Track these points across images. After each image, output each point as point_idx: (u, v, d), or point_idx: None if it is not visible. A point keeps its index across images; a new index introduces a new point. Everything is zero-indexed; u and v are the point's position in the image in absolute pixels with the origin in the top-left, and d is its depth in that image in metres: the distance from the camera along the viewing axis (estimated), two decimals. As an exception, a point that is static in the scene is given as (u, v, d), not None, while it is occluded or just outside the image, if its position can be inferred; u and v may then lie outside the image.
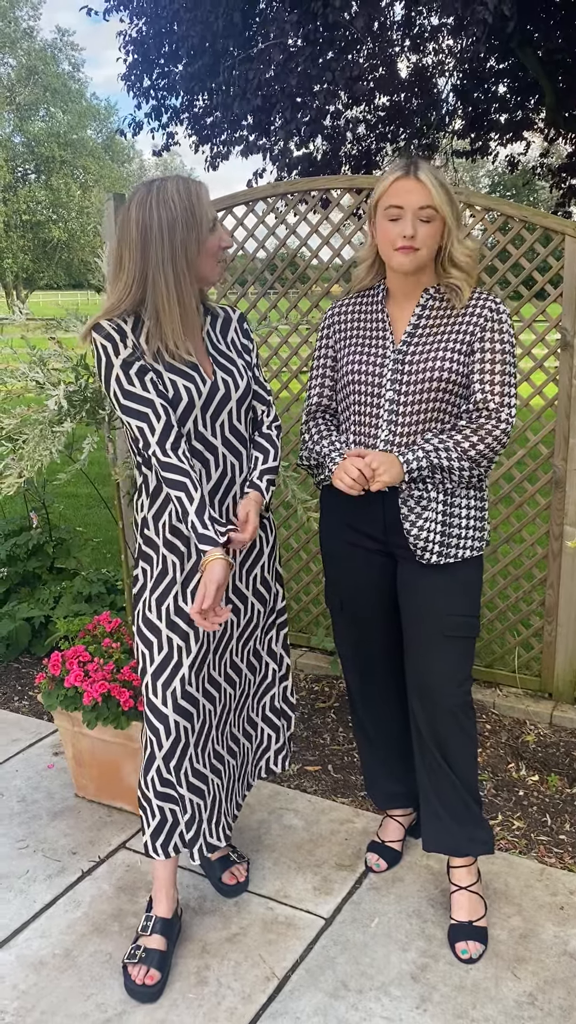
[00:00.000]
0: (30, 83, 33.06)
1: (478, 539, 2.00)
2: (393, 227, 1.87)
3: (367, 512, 2.02)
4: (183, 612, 1.89)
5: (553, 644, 3.09)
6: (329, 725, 3.09)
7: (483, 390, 1.89)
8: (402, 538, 1.98)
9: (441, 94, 10.51)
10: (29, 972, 2.00)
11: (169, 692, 1.90)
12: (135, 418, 1.75)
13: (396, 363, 1.94)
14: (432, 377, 1.90)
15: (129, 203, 1.76)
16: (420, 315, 1.96)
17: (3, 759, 2.90)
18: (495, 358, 1.89)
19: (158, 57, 9.27)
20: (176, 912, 2.07)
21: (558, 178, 11.68)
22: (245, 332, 1.99)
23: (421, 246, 1.86)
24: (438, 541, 1.93)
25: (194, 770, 1.98)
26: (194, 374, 1.81)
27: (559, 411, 2.91)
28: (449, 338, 1.92)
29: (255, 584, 2.04)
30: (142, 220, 1.72)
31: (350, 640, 2.20)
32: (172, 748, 1.92)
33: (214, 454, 1.87)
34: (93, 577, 3.63)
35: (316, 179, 3.20)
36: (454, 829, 2.09)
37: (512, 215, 2.86)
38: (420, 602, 2.01)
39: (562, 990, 1.93)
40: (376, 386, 1.96)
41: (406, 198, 1.84)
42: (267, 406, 2.01)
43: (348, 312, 2.09)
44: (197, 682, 1.94)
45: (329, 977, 1.97)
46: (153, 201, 1.72)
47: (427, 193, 1.83)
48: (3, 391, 2.70)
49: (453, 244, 1.90)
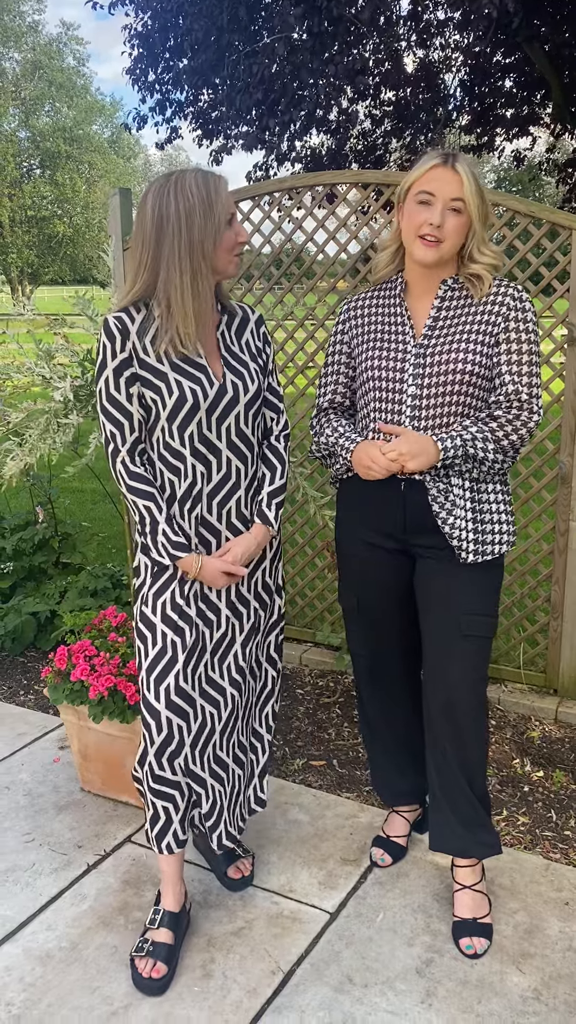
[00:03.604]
0: (35, 78, 33.03)
1: (509, 533, 1.98)
2: (421, 211, 1.85)
3: (387, 511, 1.99)
4: (179, 608, 1.88)
5: (559, 640, 3.08)
6: (334, 720, 3.09)
7: (514, 381, 1.87)
8: (423, 536, 1.96)
9: (448, 89, 10.47)
10: (36, 965, 2.01)
11: (162, 688, 1.88)
12: (111, 423, 1.80)
13: (418, 357, 1.92)
14: (456, 370, 1.88)
15: (147, 192, 1.77)
16: (440, 307, 1.94)
17: (9, 753, 2.91)
18: (522, 348, 1.87)
19: (163, 51, 9.26)
20: (184, 906, 2.07)
21: (564, 173, 11.65)
22: (263, 336, 1.97)
23: (446, 239, 1.85)
24: (471, 538, 1.91)
25: (188, 771, 1.95)
26: (201, 376, 1.80)
27: (565, 407, 2.91)
28: (472, 329, 1.89)
29: (256, 588, 2.02)
30: (158, 209, 1.72)
31: (364, 639, 2.18)
32: (163, 745, 1.90)
33: (217, 457, 1.84)
34: (99, 572, 3.63)
35: (323, 174, 3.19)
36: (460, 831, 2.09)
37: (519, 210, 2.85)
38: (439, 600, 1.99)
39: (567, 985, 1.93)
40: (398, 382, 1.93)
41: (440, 187, 1.82)
42: (278, 414, 1.98)
43: (365, 307, 2.06)
44: (194, 681, 1.92)
45: (334, 971, 1.97)
46: (171, 191, 1.71)
47: (461, 185, 1.81)
48: (10, 386, 2.70)
49: (476, 245, 1.88)
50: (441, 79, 10.43)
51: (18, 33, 32.71)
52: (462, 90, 10.43)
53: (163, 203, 1.71)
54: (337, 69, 7.34)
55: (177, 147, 49.70)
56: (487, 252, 1.90)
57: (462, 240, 1.88)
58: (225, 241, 1.76)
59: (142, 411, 1.81)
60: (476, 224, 1.86)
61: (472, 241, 1.88)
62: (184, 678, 1.89)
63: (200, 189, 1.71)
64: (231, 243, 1.77)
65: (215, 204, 1.72)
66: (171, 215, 1.70)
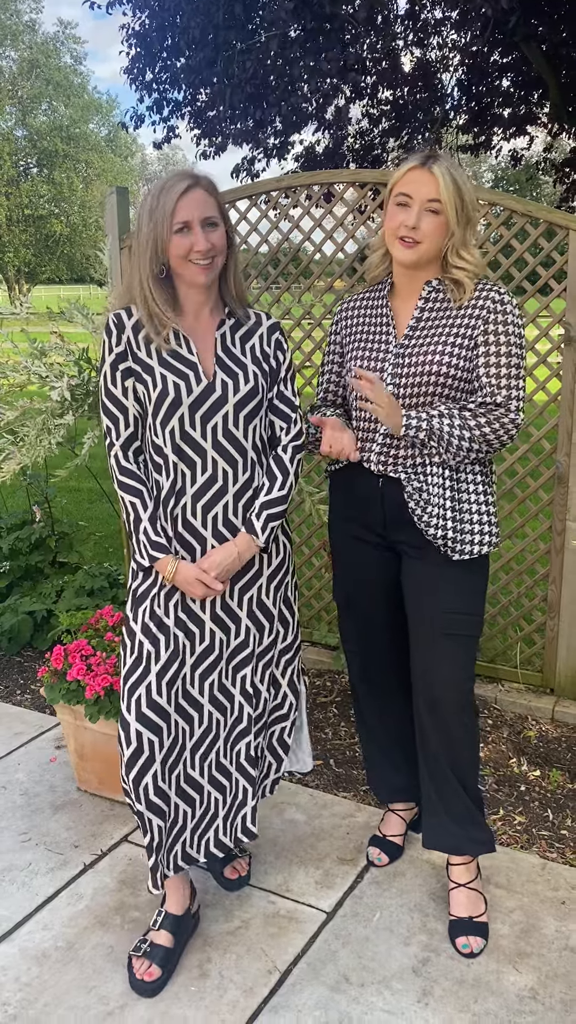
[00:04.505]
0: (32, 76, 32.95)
1: (491, 534, 1.98)
2: (399, 213, 1.87)
3: (366, 505, 2.02)
4: (157, 617, 1.86)
5: (555, 640, 3.09)
6: (331, 720, 3.09)
7: (490, 383, 1.88)
8: (403, 533, 1.98)
9: (445, 89, 10.47)
10: (32, 964, 2.01)
11: (134, 699, 1.85)
12: (107, 416, 1.86)
13: (397, 357, 1.94)
14: (432, 371, 1.89)
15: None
16: (423, 308, 1.96)
17: (5, 752, 2.91)
18: (500, 350, 1.88)
19: (160, 50, 9.24)
20: (188, 909, 2.05)
21: (561, 173, 11.65)
22: (275, 342, 1.92)
23: (423, 239, 1.86)
24: (451, 536, 1.91)
25: (157, 788, 1.87)
26: (189, 372, 1.81)
27: (562, 407, 2.91)
28: (450, 332, 1.91)
29: (251, 606, 1.95)
30: (138, 212, 1.79)
31: (355, 635, 2.20)
32: (132, 758, 1.85)
33: (202, 457, 1.82)
34: (95, 571, 3.63)
35: (320, 173, 3.19)
36: (453, 829, 2.09)
37: (516, 210, 2.85)
38: (421, 598, 2.00)
39: (563, 984, 1.93)
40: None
41: (416, 188, 1.84)
42: (288, 423, 1.93)
43: (355, 308, 2.10)
44: (169, 694, 1.86)
45: (331, 970, 1.97)
46: (145, 195, 1.79)
47: (436, 186, 1.82)
48: (5, 385, 2.70)
49: (454, 247, 1.89)
50: (438, 78, 10.42)
51: (15, 31, 32.61)
52: (459, 89, 10.43)
53: (140, 207, 1.78)
54: (331, 66, 7.33)
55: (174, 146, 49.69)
56: (465, 258, 1.90)
57: (442, 241, 1.89)
58: (175, 247, 1.75)
59: (138, 407, 1.83)
60: (454, 226, 1.86)
61: (450, 242, 1.89)
62: (157, 691, 1.84)
63: (152, 194, 1.76)
64: (184, 250, 1.75)
65: (155, 211, 1.74)
66: (140, 216, 1.78)
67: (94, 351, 2.65)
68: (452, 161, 1.87)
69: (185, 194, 1.73)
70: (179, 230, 1.74)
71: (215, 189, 1.80)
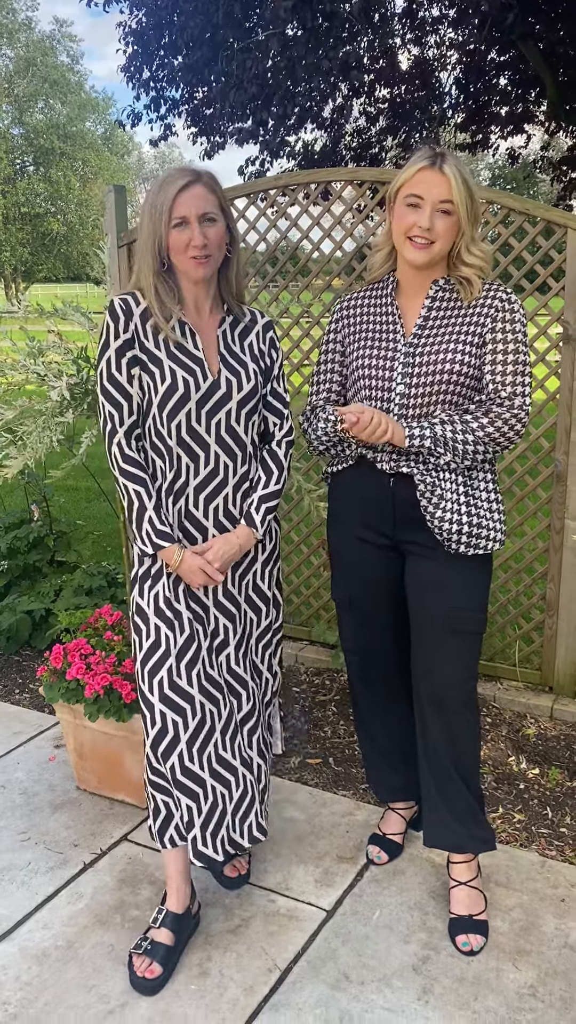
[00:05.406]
0: (28, 75, 32.86)
1: (501, 530, 1.99)
2: (410, 214, 1.86)
3: (376, 507, 2.01)
4: (169, 602, 1.88)
5: (554, 638, 3.09)
6: (330, 718, 3.09)
7: (495, 380, 1.89)
8: (412, 533, 1.97)
9: (443, 87, 10.46)
10: (32, 964, 2.01)
11: (155, 681, 1.88)
12: (110, 403, 1.83)
13: (407, 356, 1.94)
14: (443, 370, 1.90)
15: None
16: (430, 307, 1.96)
17: (4, 752, 2.90)
18: (507, 348, 1.89)
19: (158, 48, 9.24)
20: (189, 908, 2.06)
21: (559, 171, 11.65)
22: (269, 340, 1.98)
23: (436, 240, 1.86)
24: (464, 531, 1.92)
25: (184, 769, 1.90)
26: (196, 368, 1.83)
27: (561, 405, 2.91)
28: (460, 331, 1.91)
29: (247, 591, 2.01)
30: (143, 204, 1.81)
31: (356, 635, 2.20)
32: (158, 738, 1.89)
33: (205, 451, 1.86)
34: (94, 570, 3.63)
35: (318, 171, 3.19)
36: (455, 827, 2.09)
37: (514, 208, 2.85)
38: (428, 595, 2.00)
39: (563, 982, 1.93)
40: (387, 380, 1.95)
41: (428, 189, 1.83)
42: (281, 419, 2.00)
43: (357, 306, 2.08)
44: (190, 676, 1.89)
45: (331, 969, 1.97)
46: (149, 188, 1.80)
47: (449, 187, 1.82)
48: (3, 384, 2.69)
49: (465, 245, 1.89)
50: (436, 77, 10.42)
51: (11, 30, 32.53)
52: (457, 88, 10.42)
53: (143, 202, 1.80)
54: (332, 64, 7.33)
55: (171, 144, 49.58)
56: (476, 253, 1.90)
57: (453, 240, 1.89)
58: (173, 242, 1.78)
59: (140, 395, 1.83)
60: (465, 225, 1.87)
61: (461, 241, 1.89)
62: (178, 673, 1.88)
63: (152, 188, 1.78)
64: (181, 244, 1.78)
65: (155, 206, 1.77)
66: (141, 214, 1.80)
67: (92, 350, 2.65)
68: (459, 158, 1.87)
69: (184, 190, 1.75)
70: (177, 225, 1.76)
71: (216, 185, 1.81)
